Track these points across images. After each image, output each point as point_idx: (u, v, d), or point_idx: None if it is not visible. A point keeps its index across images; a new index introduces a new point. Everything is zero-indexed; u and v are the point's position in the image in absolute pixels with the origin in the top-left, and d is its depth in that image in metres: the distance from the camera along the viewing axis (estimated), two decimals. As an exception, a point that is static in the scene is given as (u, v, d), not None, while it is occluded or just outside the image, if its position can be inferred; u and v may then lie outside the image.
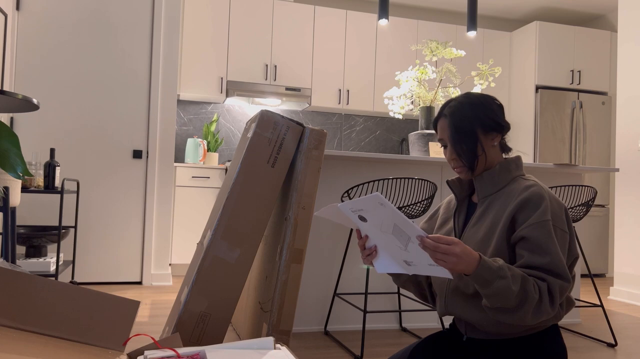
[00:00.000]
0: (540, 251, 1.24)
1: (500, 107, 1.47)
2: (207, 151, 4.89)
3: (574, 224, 3.28)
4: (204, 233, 2.26)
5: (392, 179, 2.65)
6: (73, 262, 3.67)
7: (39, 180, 3.21)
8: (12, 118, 3.80)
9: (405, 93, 3.26)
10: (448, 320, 3.08)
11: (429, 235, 1.16)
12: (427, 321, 3.07)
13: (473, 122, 1.40)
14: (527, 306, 1.19)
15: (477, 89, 3.23)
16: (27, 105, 2.34)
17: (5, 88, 3.70)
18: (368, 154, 2.72)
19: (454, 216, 1.49)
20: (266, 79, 5.04)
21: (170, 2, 4.09)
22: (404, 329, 2.99)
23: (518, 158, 1.44)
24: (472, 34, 3.55)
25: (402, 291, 3.05)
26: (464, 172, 1.42)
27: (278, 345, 1.61)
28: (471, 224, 1.41)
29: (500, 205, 1.36)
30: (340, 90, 5.26)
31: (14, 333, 1.43)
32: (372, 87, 5.36)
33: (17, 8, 3.81)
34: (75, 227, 3.63)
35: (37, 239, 3.22)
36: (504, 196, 1.37)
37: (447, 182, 1.51)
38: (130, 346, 2.29)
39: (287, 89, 5.06)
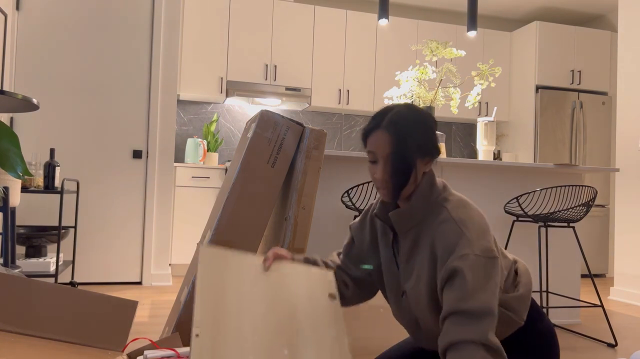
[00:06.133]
0: (459, 294, 1.16)
1: (435, 127, 1.31)
2: (207, 151, 4.89)
3: (573, 225, 3.28)
4: (204, 233, 2.26)
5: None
6: (73, 262, 3.67)
7: (39, 180, 3.21)
8: (12, 118, 3.80)
9: (406, 93, 3.26)
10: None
11: None
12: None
13: (415, 143, 1.25)
14: None
15: (477, 89, 3.23)
16: (27, 105, 2.34)
17: (5, 88, 3.70)
18: (368, 154, 2.72)
19: (392, 244, 1.39)
20: (266, 79, 5.04)
21: (170, 2, 4.09)
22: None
23: (427, 181, 1.30)
24: (472, 34, 3.55)
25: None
26: (389, 195, 1.29)
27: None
28: (402, 262, 1.35)
29: (423, 247, 1.28)
30: (340, 90, 5.26)
31: (12, 336, 1.42)
32: (372, 87, 5.36)
33: (17, 8, 3.81)
34: (75, 227, 3.63)
35: (37, 239, 3.22)
36: (424, 235, 1.28)
37: (376, 215, 1.39)
38: (130, 346, 2.29)
39: (287, 89, 5.06)
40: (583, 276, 5.38)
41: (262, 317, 1.23)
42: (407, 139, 1.24)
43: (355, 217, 2.81)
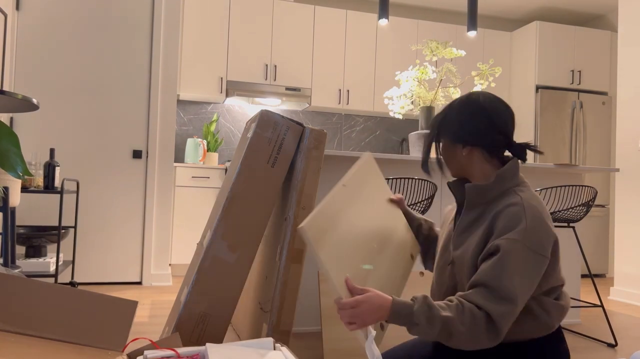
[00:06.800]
0: (491, 270, 1.20)
1: (491, 117, 1.35)
2: (207, 151, 4.89)
3: (573, 225, 3.28)
4: (204, 233, 2.26)
5: (392, 179, 2.64)
6: (73, 262, 3.67)
7: (39, 180, 3.21)
8: (12, 118, 3.80)
9: (406, 93, 3.26)
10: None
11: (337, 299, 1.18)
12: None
13: (442, 130, 1.42)
14: (455, 340, 1.17)
15: (476, 89, 3.22)
16: (27, 105, 2.34)
17: (5, 88, 3.70)
18: (368, 154, 2.72)
19: (454, 219, 1.47)
20: (266, 79, 5.04)
21: (170, 2, 4.09)
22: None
23: (512, 168, 1.35)
24: (472, 34, 3.55)
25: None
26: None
27: (278, 345, 1.61)
28: (457, 233, 1.40)
29: (483, 223, 1.33)
30: (340, 90, 5.25)
31: (12, 336, 1.42)
32: (372, 87, 5.36)
33: (17, 8, 3.81)
34: (75, 227, 3.63)
35: (37, 239, 3.22)
36: (488, 213, 1.33)
37: (448, 183, 1.49)
38: (130, 346, 2.29)
39: (287, 89, 5.06)
40: (583, 276, 5.38)
41: (365, 223, 1.44)
42: (441, 126, 1.41)
43: (355, 217, 2.81)
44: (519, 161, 1.38)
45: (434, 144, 1.45)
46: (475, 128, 1.35)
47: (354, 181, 1.47)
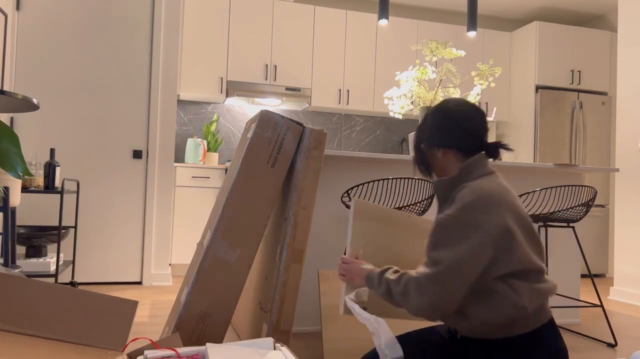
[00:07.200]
0: (426, 246, 1.39)
1: (462, 120, 1.49)
2: (207, 151, 4.89)
3: (573, 225, 3.28)
4: (204, 233, 2.26)
5: (392, 179, 2.65)
6: (73, 262, 3.67)
7: (39, 180, 3.21)
8: (12, 118, 3.80)
9: (405, 93, 3.26)
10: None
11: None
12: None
13: (421, 137, 1.55)
14: (397, 299, 1.36)
15: (476, 89, 3.23)
16: (27, 105, 2.34)
17: (5, 88, 3.70)
18: (368, 154, 2.72)
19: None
20: (266, 79, 5.04)
21: (170, 2, 4.09)
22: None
23: (475, 161, 1.46)
24: (472, 34, 3.55)
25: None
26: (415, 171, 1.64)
27: (278, 345, 1.61)
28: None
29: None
30: (340, 90, 5.26)
31: (12, 336, 1.42)
32: (372, 87, 5.36)
33: (17, 8, 3.81)
34: (75, 227, 3.63)
35: (37, 239, 3.22)
36: (451, 202, 1.44)
37: (432, 183, 1.61)
38: (130, 346, 2.29)
39: (287, 89, 5.06)
40: (583, 276, 5.38)
41: (400, 246, 1.67)
42: (419, 131, 1.56)
43: (355, 217, 2.81)
44: (489, 157, 1.49)
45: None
46: (447, 131, 1.49)
47: (414, 219, 1.73)
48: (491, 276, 1.33)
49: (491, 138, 3.30)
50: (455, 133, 1.48)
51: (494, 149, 1.48)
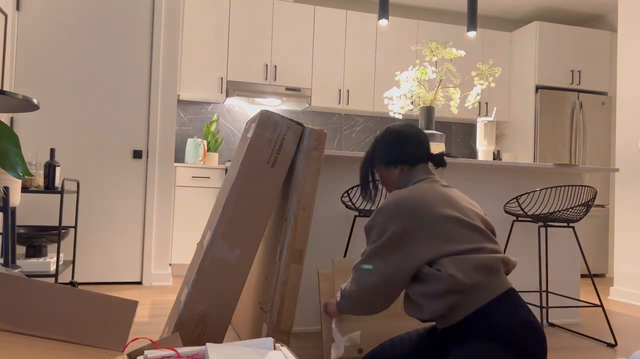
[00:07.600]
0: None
1: (410, 137, 1.75)
2: (207, 151, 4.89)
3: (573, 225, 3.28)
4: (204, 233, 2.26)
5: (392, 179, 2.64)
6: (73, 262, 3.67)
7: (39, 180, 3.21)
8: (12, 118, 3.80)
9: (405, 93, 3.26)
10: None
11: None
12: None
13: (375, 161, 1.82)
14: (356, 295, 1.64)
15: (476, 89, 3.23)
16: (27, 105, 2.34)
17: (5, 88, 3.70)
18: (368, 154, 2.72)
19: None
20: (266, 79, 5.04)
21: (170, 2, 4.09)
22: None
23: (413, 171, 1.73)
24: (472, 34, 3.55)
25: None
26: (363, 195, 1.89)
27: (278, 345, 1.61)
28: None
29: None
30: (340, 90, 5.26)
31: (12, 336, 1.42)
32: (372, 87, 5.36)
33: (17, 8, 3.81)
34: (75, 227, 3.63)
35: (37, 239, 3.22)
36: None
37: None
38: (130, 346, 2.29)
39: (287, 89, 5.06)
40: (583, 276, 5.38)
41: None
42: (373, 159, 1.82)
43: (356, 217, 2.82)
44: (436, 166, 1.77)
45: (369, 176, 1.85)
46: (401, 148, 1.74)
47: None
48: (419, 264, 1.54)
49: (491, 139, 3.30)
50: (407, 148, 1.73)
51: (440, 159, 1.75)
